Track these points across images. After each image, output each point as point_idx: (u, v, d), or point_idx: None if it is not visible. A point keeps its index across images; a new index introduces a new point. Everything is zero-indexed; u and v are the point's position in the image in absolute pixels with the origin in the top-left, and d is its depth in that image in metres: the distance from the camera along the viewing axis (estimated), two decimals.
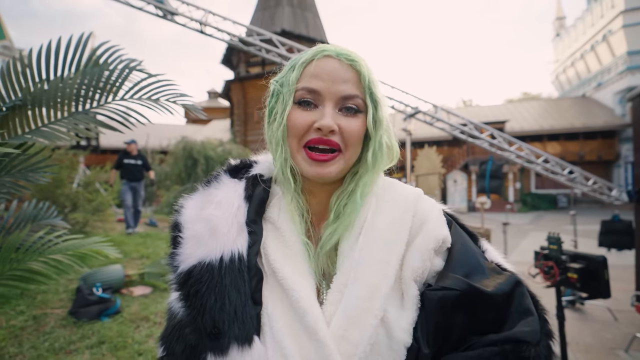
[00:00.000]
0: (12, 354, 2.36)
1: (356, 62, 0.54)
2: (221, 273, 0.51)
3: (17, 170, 1.04)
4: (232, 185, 0.59)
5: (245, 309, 0.50)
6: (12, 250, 1.33)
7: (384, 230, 0.54)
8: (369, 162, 0.55)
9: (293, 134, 0.54)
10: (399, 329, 0.48)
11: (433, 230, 0.54)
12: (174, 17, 5.30)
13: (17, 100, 1.11)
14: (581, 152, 18.79)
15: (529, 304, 0.51)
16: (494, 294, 0.49)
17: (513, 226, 11.14)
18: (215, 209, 0.55)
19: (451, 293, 0.49)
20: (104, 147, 20.47)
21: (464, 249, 0.55)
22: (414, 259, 0.52)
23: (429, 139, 18.04)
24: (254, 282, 0.52)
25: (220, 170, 0.62)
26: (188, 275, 0.52)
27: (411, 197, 0.58)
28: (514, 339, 0.46)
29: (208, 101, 36.13)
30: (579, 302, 3.94)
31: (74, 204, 4.71)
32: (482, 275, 0.51)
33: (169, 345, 0.56)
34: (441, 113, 6.02)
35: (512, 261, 1.20)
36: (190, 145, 11.12)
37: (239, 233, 0.54)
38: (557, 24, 27.69)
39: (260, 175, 0.61)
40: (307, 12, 17.85)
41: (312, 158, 0.53)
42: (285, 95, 0.55)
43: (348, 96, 0.53)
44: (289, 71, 0.57)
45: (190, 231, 0.54)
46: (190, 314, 0.51)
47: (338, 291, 0.52)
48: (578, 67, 23.55)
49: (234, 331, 0.49)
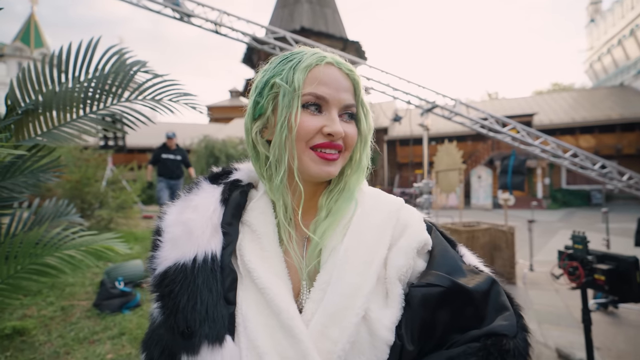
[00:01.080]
0: (42, 342, 2.53)
1: (353, 72, 0.59)
2: (194, 273, 0.52)
3: (30, 171, 1.09)
4: (210, 191, 0.61)
5: (217, 308, 0.51)
6: (32, 246, 1.41)
7: (367, 234, 0.56)
8: (362, 163, 0.60)
9: (301, 137, 0.55)
10: (382, 327, 0.49)
11: (415, 233, 0.57)
12: (190, 19, 5.45)
13: (30, 104, 1.17)
14: (618, 145, 17.55)
15: (504, 300, 0.53)
16: (474, 290, 0.51)
17: (540, 224, 10.63)
18: (192, 213, 0.57)
19: (435, 289, 0.51)
20: (130, 146, 21.35)
21: (443, 251, 0.58)
22: (398, 259, 0.54)
23: (451, 133, 17.52)
24: (227, 282, 0.53)
25: (200, 178, 0.64)
26: (164, 276, 0.54)
27: (394, 206, 0.61)
28: (494, 332, 0.48)
29: (230, 100, 36.86)
30: (612, 306, 3.70)
31: (101, 202, 4.95)
32: (462, 275, 0.54)
33: (149, 351, 0.58)
34: (460, 107, 5.82)
35: (538, 261, 1.10)
36: (212, 143, 11.41)
37: (213, 235, 0.55)
38: (591, 8, 25.96)
39: (239, 181, 0.63)
40: (326, 8, 17.76)
41: (323, 157, 0.56)
42: (292, 98, 0.55)
43: (348, 105, 0.57)
44: (288, 71, 0.57)
45: (169, 234, 0.56)
46: (164, 313, 0.52)
47: (321, 289, 0.53)
48: (615, 54, 22.00)
49: (205, 330, 0.49)
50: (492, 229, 5.15)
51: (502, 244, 4.96)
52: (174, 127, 20.54)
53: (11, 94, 1.18)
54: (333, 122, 0.55)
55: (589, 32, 25.79)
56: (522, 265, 5.40)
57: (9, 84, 1.18)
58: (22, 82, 1.23)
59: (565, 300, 4.02)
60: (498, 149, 17.43)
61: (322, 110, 0.56)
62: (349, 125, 0.58)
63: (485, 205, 17.25)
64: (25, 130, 1.15)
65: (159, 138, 21.33)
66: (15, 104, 1.18)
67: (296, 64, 0.57)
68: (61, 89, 1.22)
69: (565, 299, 4.04)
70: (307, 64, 0.56)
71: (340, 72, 0.57)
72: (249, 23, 5.88)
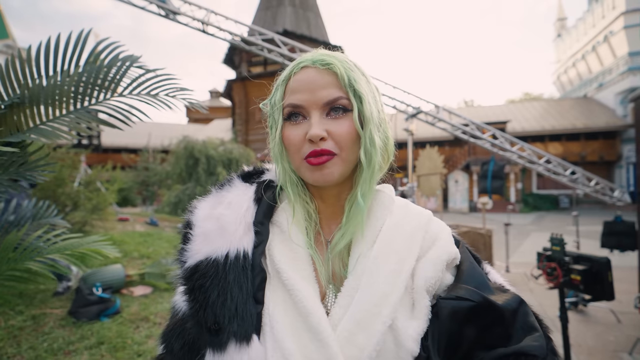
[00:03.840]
0: (11, 355, 2.35)
1: (331, 64, 0.54)
2: (225, 269, 0.52)
3: (15, 169, 1.02)
4: (243, 189, 0.61)
5: (246, 307, 0.51)
6: (10, 250, 1.32)
7: (397, 243, 0.55)
8: (363, 160, 0.55)
9: (292, 150, 0.55)
10: (408, 338, 0.49)
11: (445, 246, 0.57)
12: (176, 16, 5.30)
13: (15, 98, 1.10)
14: (583, 152, 18.73)
15: (533, 321, 0.52)
16: (504, 308, 0.50)
17: (515, 227, 11.11)
18: (225, 209, 0.57)
19: (464, 303, 0.50)
20: (105, 146, 20.46)
21: (472, 267, 0.57)
22: (427, 270, 0.53)
23: (431, 139, 18.01)
24: (257, 280, 0.53)
25: (233, 175, 0.64)
26: (194, 269, 0.54)
27: (424, 218, 0.60)
28: (523, 352, 0.47)
29: (210, 100, 36.14)
30: (582, 304, 3.92)
31: (75, 203, 4.70)
32: (489, 292, 0.53)
33: (169, 343, 0.58)
34: (443, 113, 6.00)
35: (514, 262, 1.12)
36: (191, 144, 11.09)
37: (246, 232, 0.55)
38: (558, 24, 27.61)
39: (271, 181, 0.63)
40: (308, 12, 17.85)
41: (311, 164, 0.54)
42: (275, 115, 0.57)
43: (330, 100, 0.54)
44: (275, 92, 0.59)
45: (201, 229, 0.56)
46: (193, 307, 0.52)
47: (348, 295, 0.52)
48: (579, 68, 23.48)
49: (233, 327, 0.49)
50: (471, 231, 5.32)
51: (480, 246, 5.13)
52: (150, 127, 19.87)
53: None
54: (311, 127, 0.53)
55: (557, 46, 27.41)
56: (499, 267, 5.61)
57: None
58: (7, 75, 1.15)
59: (540, 299, 4.21)
60: (474, 154, 18.08)
61: (305, 117, 0.55)
62: (337, 122, 0.54)
63: (462, 208, 17.82)
64: (10, 126, 1.07)
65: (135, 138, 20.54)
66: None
67: (279, 81, 0.58)
68: (49, 82, 1.15)
69: (539, 299, 4.23)
70: (283, 78, 0.57)
71: (316, 71, 0.54)
72: (237, 23, 5.81)
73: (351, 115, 0.54)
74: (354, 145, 0.55)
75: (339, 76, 0.54)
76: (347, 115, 0.54)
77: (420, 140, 17.98)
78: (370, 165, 0.56)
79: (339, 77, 0.54)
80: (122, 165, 11.08)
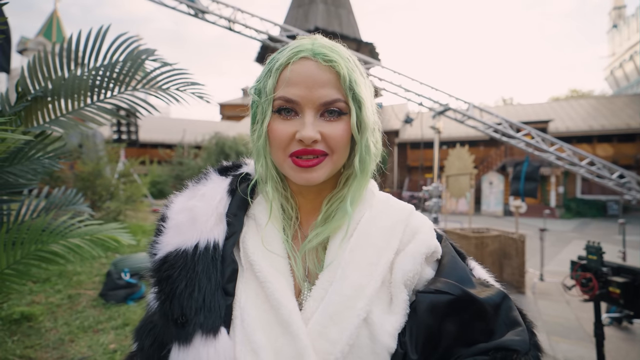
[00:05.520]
0: (48, 328, 2.57)
1: (334, 62, 0.51)
2: (195, 260, 0.51)
3: (36, 158, 1.10)
4: (219, 182, 0.60)
5: (214, 298, 0.50)
6: (38, 232, 1.43)
7: (375, 237, 0.54)
8: (357, 167, 0.54)
9: (277, 146, 0.52)
10: (384, 333, 0.47)
11: (425, 239, 0.55)
12: (205, 15, 5.49)
13: (39, 91, 1.18)
14: (638, 155, 17.00)
15: (516, 316, 0.50)
16: (485, 302, 0.48)
17: (553, 233, 10.36)
18: (198, 201, 0.57)
19: (444, 297, 0.48)
20: (143, 141, 21.70)
21: (453, 261, 0.55)
22: (405, 263, 0.52)
23: (464, 138, 17.25)
24: (227, 272, 0.52)
25: (210, 169, 0.64)
26: (163, 261, 0.53)
27: (404, 212, 0.58)
28: (504, 347, 0.45)
29: (242, 98, 37.16)
30: (626, 321, 3.56)
31: (111, 194, 5.04)
32: (471, 286, 0.51)
33: (140, 340, 0.57)
34: (474, 111, 5.70)
35: (549, 271, 1.02)
36: (222, 140, 11.50)
37: (217, 224, 0.54)
38: (614, 14, 25.22)
39: (248, 175, 0.62)
40: (340, 9, 17.76)
41: (299, 165, 0.51)
42: (264, 105, 0.53)
43: (328, 102, 0.51)
44: (265, 76, 0.54)
45: (174, 221, 0.56)
46: (160, 299, 0.52)
47: (322, 288, 0.51)
48: (638, 61, 21.32)
49: (200, 319, 0.48)
50: (502, 236, 5.03)
51: (511, 252, 4.84)
52: (186, 124, 20.81)
53: (22, 81, 1.20)
54: (303, 127, 0.50)
55: (611, 38, 25.06)
56: (532, 275, 5.26)
57: (20, 71, 1.20)
58: (33, 69, 1.24)
59: (577, 312, 3.90)
60: (511, 155, 17.08)
61: (297, 113, 0.51)
62: (331, 125, 0.51)
63: (496, 212, 16.92)
64: (34, 117, 1.16)
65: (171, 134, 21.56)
66: (25, 91, 1.19)
67: (272, 66, 0.53)
68: (70, 76, 1.23)
69: (576, 311, 3.92)
70: (279, 65, 0.52)
71: (316, 65, 0.50)
72: (263, 21, 5.90)
73: (346, 118, 0.52)
74: (345, 149, 0.53)
75: (341, 77, 0.51)
76: (342, 119, 0.52)
77: (452, 140, 17.28)
78: (363, 173, 0.55)
79: (341, 79, 0.51)
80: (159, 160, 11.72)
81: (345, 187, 0.57)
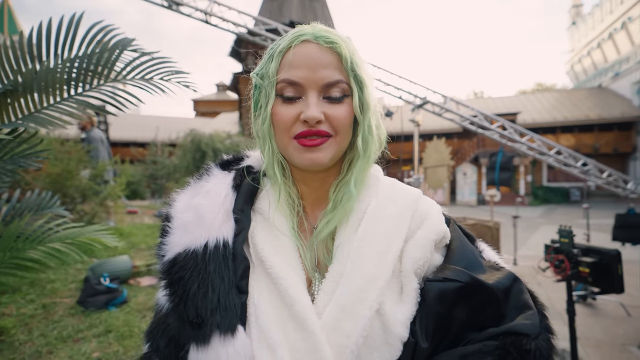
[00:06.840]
0: (22, 341, 2.41)
1: (336, 44, 0.51)
2: (205, 260, 0.50)
3: (9, 157, 1.02)
4: (222, 177, 0.59)
5: (229, 297, 0.49)
6: (13, 239, 1.33)
7: (383, 224, 0.53)
8: (360, 148, 0.54)
9: (281, 128, 0.52)
10: (396, 322, 0.47)
11: (434, 224, 0.55)
12: (179, 7, 5.28)
13: (8, 85, 1.09)
14: (596, 144, 18.23)
15: (527, 299, 0.50)
16: (494, 287, 0.48)
17: (523, 220, 10.94)
18: (203, 198, 0.55)
19: (452, 284, 0.48)
20: (114, 140, 20.68)
21: (462, 245, 0.55)
22: (415, 251, 0.52)
23: (439, 130, 17.74)
24: (239, 270, 0.52)
25: (211, 164, 0.62)
26: (173, 262, 0.52)
27: (412, 197, 0.58)
28: (514, 331, 0.45)
29: (217, 94, 36.18)
30: (590, 297, 3.85)
31: (84, 195, 4.78)
32: (481, 270, 0.51)
33: (154, 341, 0.56)
34: (450, 104, 5.88)
35: (522, 255, 1.09)
36: (198, 137, 11.15)
37: (225, 221, 0.53)
38: (573, 11, 26.66)
39: (250, 167, 0.61)
40: (315, 2, 17.62)
41: (303, 144, 0.51)
42: (267, 89, 0.53)
43: (331, 83, 0.51)
44: (267, 61, 0.55)
45: (180, 220, 0.54)
46: (174, 301, 0.50)
47: (333, 281, 0.51)
48: (595, 57, 22.72)
49: (216, 319, 0.48)
50: (478, 224, 5.24)
51: (487, 239, 4.99)
52: (158, 121, 20.01)
53: None
54: (307, 107, 0.50)
55: (571, 35, 26.53)
56: (507, 260, 5.50)
57: None
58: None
59: (548, 292, 4.15)
60: (483, 147, 17.77)
61: (301, 96, 0.52)
62: (334, 106, 0.52)
63: (470, 201, 17.61)
64: (4, 113, 1.07)
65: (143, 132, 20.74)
66: None
67: (274, 50, 0.54)
68: (42, 68, 1.14)
69: (547, 292, 4.17)
70: (281, 48, 0.53)
71: (318, 48, 0.51)
72: (240, 14, 5.75)
73: (348, 100, 0.52)
74: (348, 131, 0.54)
75: (343, 58, 0.51)
76: (345, 101, 0.52)
77: (428, 132, 17.73)
78: (366, 153, 0.55)
79: (343, 59, 0.51)
80: (131, 159, 11.21)
81: (349, 172, 0.56)
